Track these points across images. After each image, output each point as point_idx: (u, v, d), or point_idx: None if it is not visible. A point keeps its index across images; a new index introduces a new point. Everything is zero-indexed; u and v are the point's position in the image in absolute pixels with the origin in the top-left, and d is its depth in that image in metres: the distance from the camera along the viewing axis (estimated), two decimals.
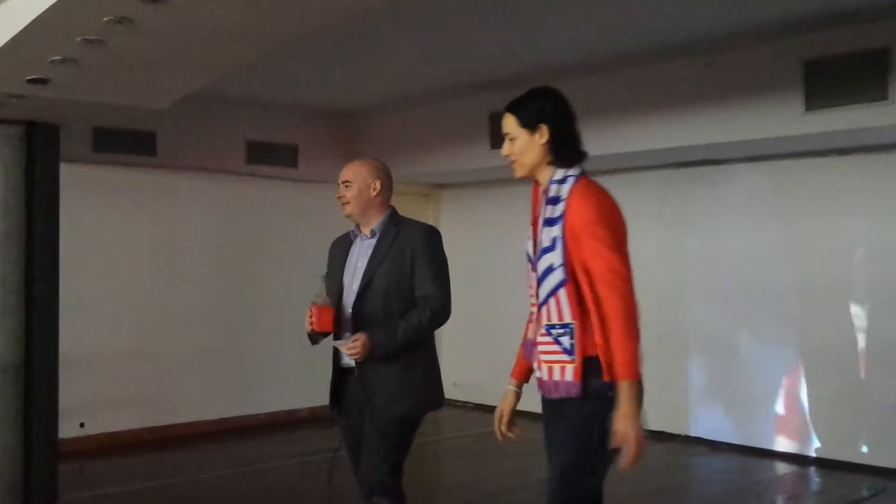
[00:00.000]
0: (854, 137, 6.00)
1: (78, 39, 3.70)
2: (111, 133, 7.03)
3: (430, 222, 9.48)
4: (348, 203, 3.75)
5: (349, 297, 3.67)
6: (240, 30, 3.73)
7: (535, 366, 2.91)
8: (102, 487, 6.10)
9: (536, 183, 2.96)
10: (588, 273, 2.70)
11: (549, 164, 2.88)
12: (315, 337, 3.68)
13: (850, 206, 6.59)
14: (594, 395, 2.69)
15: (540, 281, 2.82)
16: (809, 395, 6.73)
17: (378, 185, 3.77)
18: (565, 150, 2.89)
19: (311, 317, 3.57)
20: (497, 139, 7.56)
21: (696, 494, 6.40)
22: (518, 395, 3.13)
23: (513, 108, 2.93)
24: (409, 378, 3.66)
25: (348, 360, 3.62)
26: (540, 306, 2.84)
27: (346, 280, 3.72)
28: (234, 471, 6.50)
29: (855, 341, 6.51)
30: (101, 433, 7.19)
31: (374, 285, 3.62)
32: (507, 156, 2.94)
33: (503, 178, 8.79)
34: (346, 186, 3.77)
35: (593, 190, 2.82)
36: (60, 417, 5.72)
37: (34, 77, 4.39)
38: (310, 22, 3.74)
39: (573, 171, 2.85)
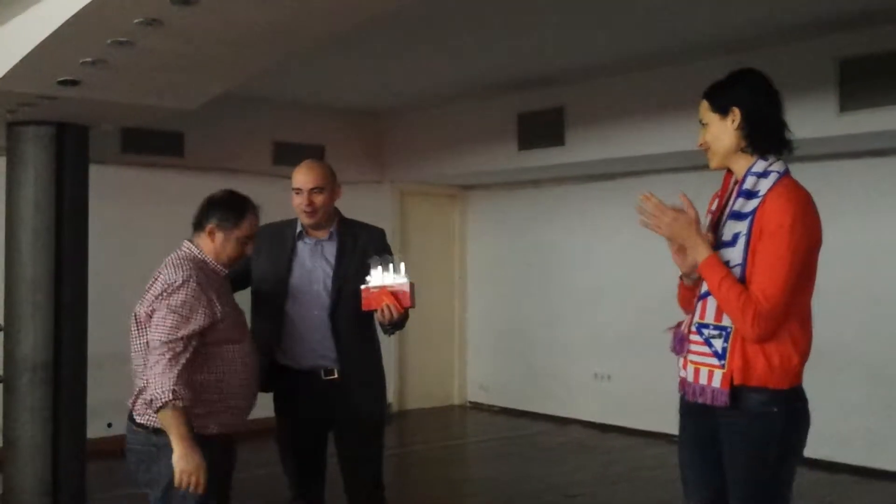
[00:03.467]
0: (890, 139, 5.90)
1: (108, 41, 3.71)
2: (139, 134, 7.06)
3: (457, 224, 9.47)
4: (317, 211, 3.61)
5: (314, 301, 3.58)
6: (268, 30, 3.72)
7: (680, 363, 2.70)
8: (130, 487, 6.08)
9: (729, 172, 2.71)
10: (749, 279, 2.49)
11: (744, 151, 2.62)
12: (397, 324, 3.49)
13: (886, 209, 6.48)
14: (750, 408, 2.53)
15: None
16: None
17: (339, 188, 3.71)
18: (762, 135, 2.62)
19: (393, 299, 3.36)
20: (526, 140, 7.54)
21: None
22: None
23: (707, 91, 2.73)
24: (381, 374, 3.75)
25: (321, 362, 3.57)
26: (699, 300, 2.63)
27: (296, 282, 3.62)
28: (257, 472, 6.49)
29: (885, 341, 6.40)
30: None
31: (347, 291, 3.55)
32: (700, 145, 2.72)
33: (531, 180, 8.76)
34: (317, 192, 3.62)
35: (797, 193, 2.54)
36: (88, 417, 5.74)
37: (65, 78, 4.41)
38: (337, 21, 3.72)
39: (777, 167, 2.58)
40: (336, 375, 3.57)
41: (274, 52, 4.18)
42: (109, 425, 7.10)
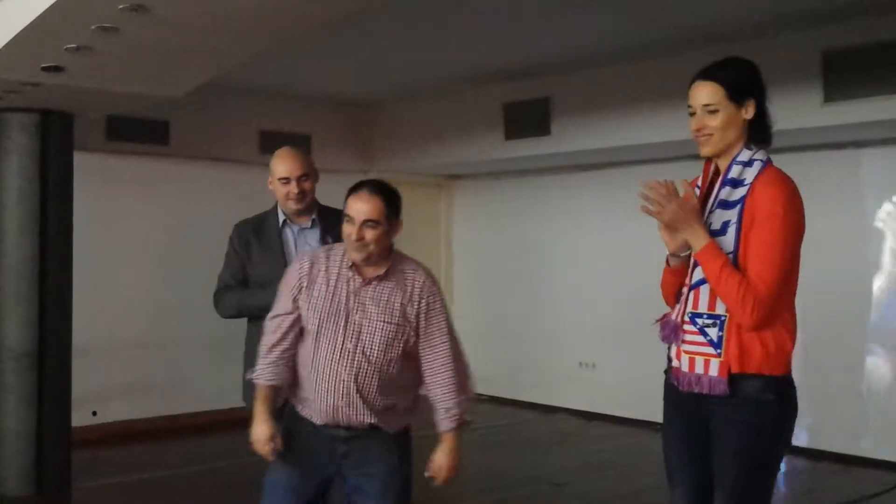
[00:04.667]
0: (874, 129, 5.94)
1: (93, 27, 3.69)
2: (125, 122, 7.02)
3: (443, 214, 9.49)
4: (306, 198, 3.62)
5: None
6: (254, 19, 3.71)
7: (671, 353, 2.67)
8: (114, 476, 6.11)
9: (708, 161, 2.68)
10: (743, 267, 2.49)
11: (739, 141, 2.59)
12: None
13: (869, 199, 6.53)
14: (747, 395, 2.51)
15: (697, 263, 2.57)
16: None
17: (317, 172, 3.72)
18: (763, 129, 2.61)
19: None
20: (512, 130, 7.54)
21: None
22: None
23: (719, 76, 2.61)
24: None
25: None
26: (690, 289, 2.60)
27: None
28: (246, 460, 6.49)
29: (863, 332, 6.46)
30: (113, 421, 7.20)
31: None
32: (699, 130, 2.60)
33: (518, 170, 8.77)
34: (305, 179, 3.62)
35: (785, 181, 2.54)
36: (73, 405, 5.73)
37: (49, 65, 4.38)
38: (324, 10, 3.72)
39: (761, 156, 2.57)
40: None
41: (260, 41, 4.17)
42: (94, 413, 7.09)
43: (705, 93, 2.60)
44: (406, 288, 2.96)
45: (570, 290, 8.37)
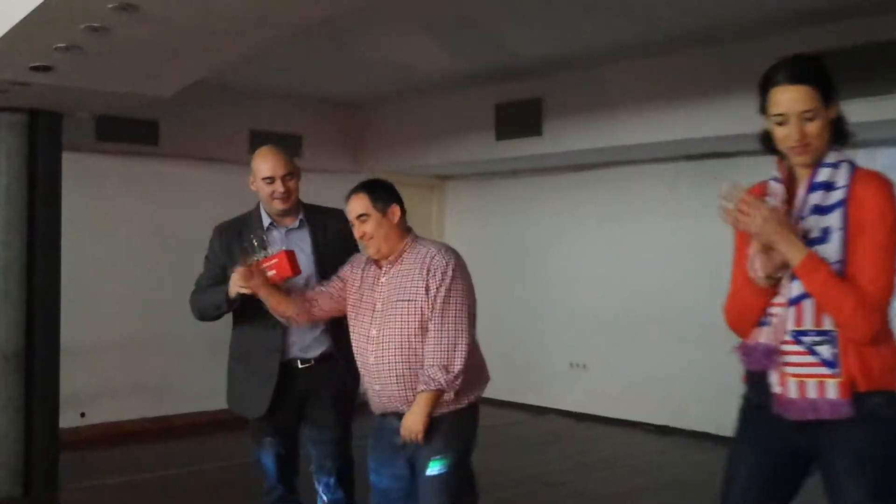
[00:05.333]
0: (866, 130, 5.94)
1: (82, 27, 3.67)
2: (114, 121, 6.98)
3: (435, 214, 9.47)
4: (291, 196, 3.56)
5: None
6: (244, 18, 3.69)
7: (770, 379, 2.39)
8: (103, 477, 6.08)
9: (780, 160, 2.47)
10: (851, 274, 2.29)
11: (827, 145, 2.39)
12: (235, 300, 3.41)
13: None
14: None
15: (794, 276, 2.33)
16: None
17: (300, 173, 3.66)
18: (844, 128, 2.41)
19: (268, 267, 3.29)
20: (503, 130, 7.53)
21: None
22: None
23: (811, 78, 2.35)
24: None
25: (300, 353, 3.54)
26: (790, 305, 2.35)
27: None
28: (235, 462, 6.47)
29: None
30: (101, 423, 7.17)
31: (328, 275, 3.47)
32: (801, 139, 2.34)
33: (509, 170, 8.77)
34: (289, 178, 3.56)
35: (884, 181, 2.34)
36: (61, 407, 5.70)
37: (38, 64, 4.36)
38: (314, 10, 3.70)
39: (846, 157, 2.39)
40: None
41: (251, 41, 4.15)
42: (83, 415, 7.06)
43: (802, 98, 2.33)
44: (421, 264, 3.14)
45: (561, 290, 8.37)
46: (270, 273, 3.31)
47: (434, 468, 3.10)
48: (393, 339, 3.10)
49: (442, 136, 8.07)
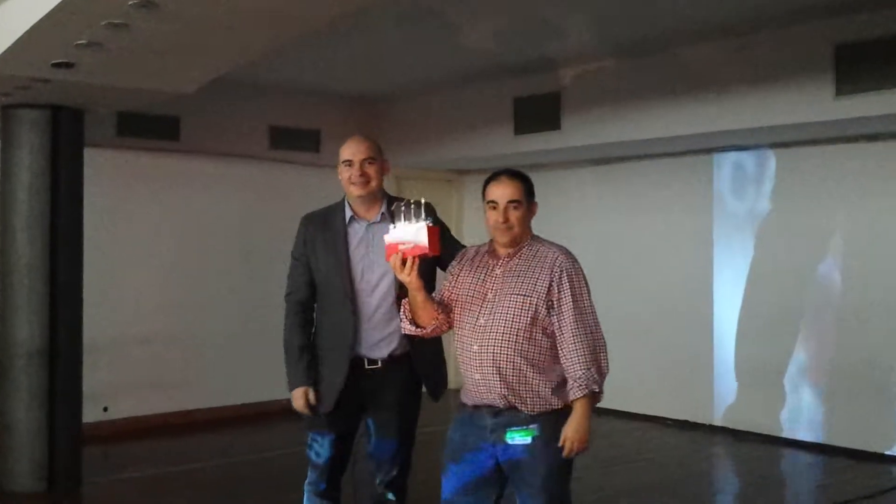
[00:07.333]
0: (886, 123, 5.90)
1: (103, 23, 3.69)
2: (135, 118, 7.03)
3: (454, 209, 9.45)
4: (370, 181, 3.46)
5: (377, 292, 3.44)
6: (265, 15, 3.69)
7: None
8: (126, 471, 6.13)
9: None
10: None
11: None
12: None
13: (880, 193, 6.49)
14: None
15: None
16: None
17: (387, 163, 3.59)
18: None
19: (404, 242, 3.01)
20: (522, 125, 7.51)
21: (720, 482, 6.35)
22: None
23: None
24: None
25: (366, 352, 3.45)
26: None
27: (358, 273, 3.44)
28: (257, 456, 6.51)
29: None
30: (124, 418, 7.22)
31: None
32: None
33: (528, 165, 8.73)
34: (370, 163, 3.48)
35: None
36: (84, 402, 5.74)
37: (59, 61, 4.38)
38: (335, 7, 3.70)
39: None
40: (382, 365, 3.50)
41: (271, 38, 4.16)
42: (105, 409, 7.11)
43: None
44: (540, 262, 3.12)
45: None
46: (405, 246, 3.00)
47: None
48: (501, 329, 3.04)
49: (460, 130, 8.05)
